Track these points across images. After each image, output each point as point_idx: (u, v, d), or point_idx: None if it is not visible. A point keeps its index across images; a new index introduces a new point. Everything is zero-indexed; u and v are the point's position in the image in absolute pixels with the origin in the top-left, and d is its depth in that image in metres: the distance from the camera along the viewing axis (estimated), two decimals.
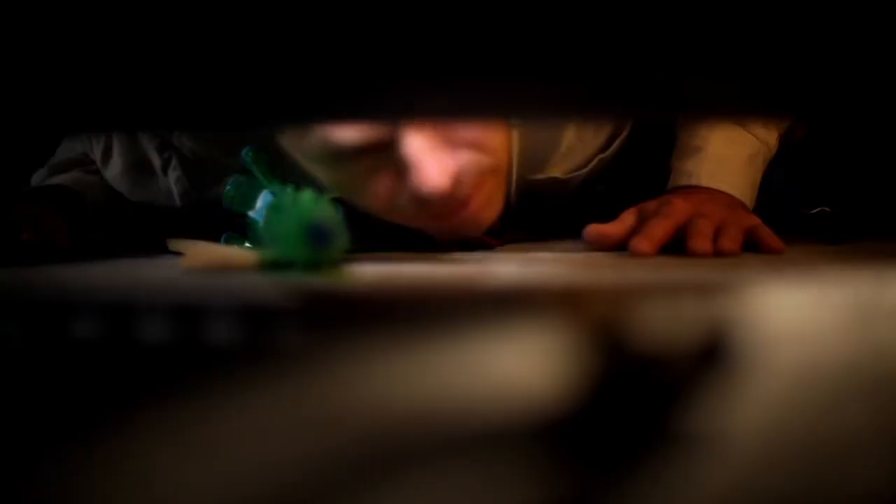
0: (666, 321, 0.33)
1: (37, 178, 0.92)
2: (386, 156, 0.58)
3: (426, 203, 0.58)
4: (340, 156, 0.59)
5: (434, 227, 0.64)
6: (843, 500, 0.19)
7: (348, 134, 0.57)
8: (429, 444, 0.23)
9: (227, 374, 0.29)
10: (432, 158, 0.56)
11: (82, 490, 0.20)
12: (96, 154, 0.81)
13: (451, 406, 0.26)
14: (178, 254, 0.59)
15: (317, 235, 0.51)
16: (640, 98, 0.31)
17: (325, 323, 0.38)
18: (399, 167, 0.58)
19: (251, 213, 0.62)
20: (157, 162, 0.76)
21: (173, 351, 0.34)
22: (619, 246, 0.67)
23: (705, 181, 0.74)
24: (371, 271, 0.56)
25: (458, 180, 0.58)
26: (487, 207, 0.63)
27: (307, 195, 0.54)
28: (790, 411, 0.25)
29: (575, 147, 0.79)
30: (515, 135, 0.74)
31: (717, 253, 0.63)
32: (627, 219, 0.69)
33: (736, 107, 0.33)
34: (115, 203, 0.85)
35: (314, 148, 0.59)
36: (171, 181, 0.77)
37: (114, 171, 0.80)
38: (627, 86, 0.31)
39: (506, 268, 0.57)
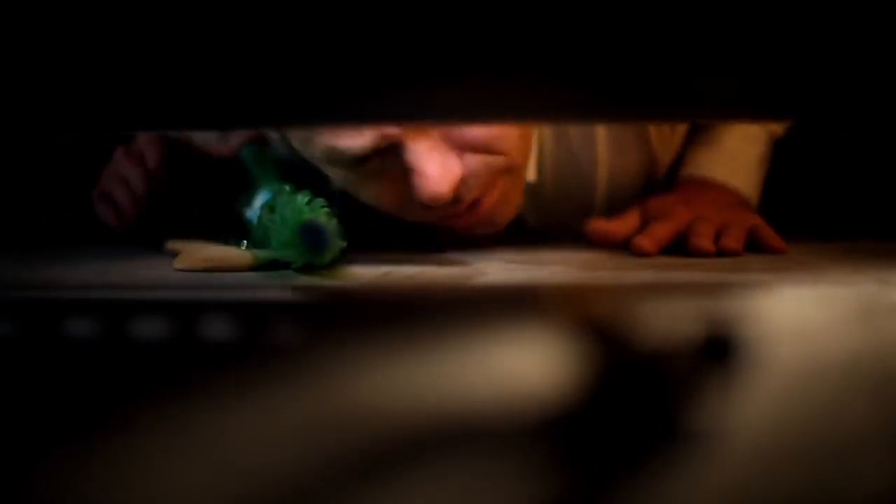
0: (668, 320, 0.33)
1: None
2: (392, 158, 0.58)
3: (431, 207, 0.58)
4: (347, 160, 0.58)
5: (447, 226, 0.63)
6: (846, 499, 0.19)
7: (354, 141, 0.56)
8: (430, 444, 0.23)
9: (226, 375, 0.29)
10: (434, 164, 0.56)
11: (80, 491, 0.20)
12: None
13: (452, 405, 0.26)
14: (174, 254, 0.59)
15: (310, 238, 0.51)
16: (643, 100, 0.31)
17: (325, 323, 0.38)
18: (403, 172, 0.58)
19: (247, 213, 0.62)
20: None
21: (172, 351, 0.34)
22: (620, 246, 0.67)
23: (718, 174, 0.74)
24: (371, 271, 0.56)
25: (463, 184, 0.57)
26: (503, 206, 0.62)
27: (302, 197, 0.54)
28: (792, 410, 0.25)
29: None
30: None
31: (720, 252, 0.63)
32: (631, 218, 0.69)
33: (740, 109, 0.33)
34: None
35: (321, 152, 0.59)
36: None
37: None
38: (631, 87, 0.31)
39: (508, 267, 0.57)
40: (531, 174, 0.72)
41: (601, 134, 0.75)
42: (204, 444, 0.23)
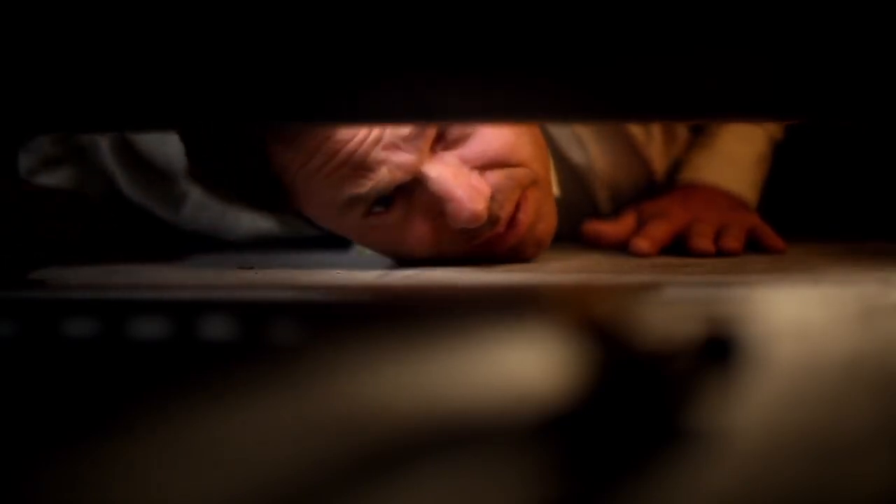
0: (669, 320, 0.33)
1: (25, 166, 0.86)
2: (416, 197, 0.55)
3: (471, 233, 0.55)
4: (368, 209, 0.55)
5: (491, 254, 0.59)
6: (846, 498, 0.19)
7: (376, 179, 0.53)
8: (430, 444, 0.23)
9: (226, 375, 0.29)
10: (462, 185, 0.53)
11: (80, 490, 0.20)
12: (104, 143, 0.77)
13: (453, 405, 0.26)
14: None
15: None
16: (641, 99, 0.31)
17: (325, 323, 0.38)
18: (432, 205, 0.55)
19: None
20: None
21: (172, 351, 0.34)
22: (619, 247, 0.67)
23: (713, 178, 0.74)
24: (371, 271, 0.56)
25: (495, 200, 0.55)
26: (541, 220, 0.59)
27: None
28: (793, 409, 0.25)
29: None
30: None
31: (720, 252, 0.63)
32: (627, 220, 0.69)
33: (740, 109, 0.33)
34: (113, 205, 0.82)
35: (340, 206, 0.55)
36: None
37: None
38: (627, 87, 0.31)
39: (508, 267, 0.57)
40: (555, 189, 0.70)
41: (591, 141, 0.73)
42: (204, 444, 0.23)
